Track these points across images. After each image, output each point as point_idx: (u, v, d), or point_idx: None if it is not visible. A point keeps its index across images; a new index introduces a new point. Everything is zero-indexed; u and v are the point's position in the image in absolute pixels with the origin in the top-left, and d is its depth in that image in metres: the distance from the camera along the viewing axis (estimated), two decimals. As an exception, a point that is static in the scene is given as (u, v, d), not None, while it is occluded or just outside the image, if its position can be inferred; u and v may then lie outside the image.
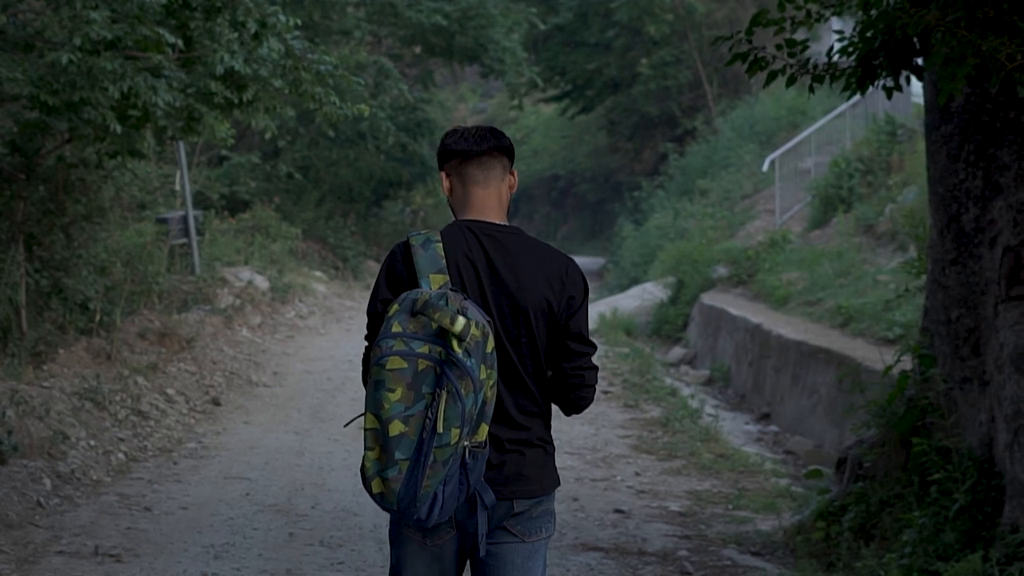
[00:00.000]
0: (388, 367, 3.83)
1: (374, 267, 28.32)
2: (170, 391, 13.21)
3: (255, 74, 11.97)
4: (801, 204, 22.57)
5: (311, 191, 27.59)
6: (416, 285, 3.99)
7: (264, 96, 12.34)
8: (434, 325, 3.83)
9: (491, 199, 4.17)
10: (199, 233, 19.55)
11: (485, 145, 4.18)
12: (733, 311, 16.08)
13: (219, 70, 11.41)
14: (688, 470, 11.01)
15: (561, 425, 12.87)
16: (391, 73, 25.47)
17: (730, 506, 9.83)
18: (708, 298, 17.92)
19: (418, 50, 30.05)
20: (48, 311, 13.08)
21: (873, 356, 11.66)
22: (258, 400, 13.96)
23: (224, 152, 25.51)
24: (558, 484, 4.20)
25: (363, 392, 3.94)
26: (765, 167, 22.99)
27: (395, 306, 3.92)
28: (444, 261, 4.02)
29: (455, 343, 3.80)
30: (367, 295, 24.92)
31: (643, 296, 20.34)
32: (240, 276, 19.45)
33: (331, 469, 10.82)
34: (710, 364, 16.44)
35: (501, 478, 4.04)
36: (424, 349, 3.83)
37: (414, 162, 29.51)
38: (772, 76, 6.83)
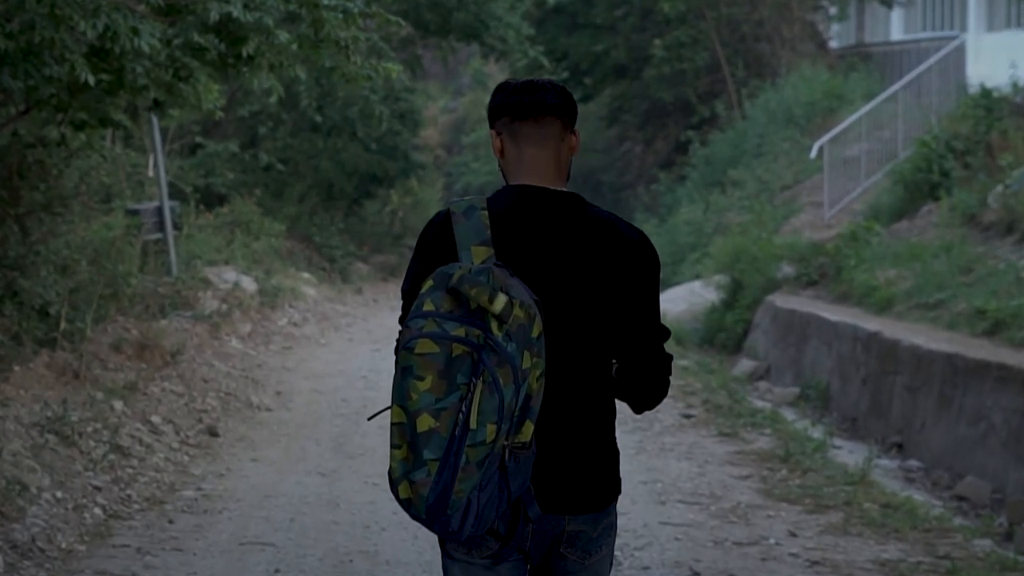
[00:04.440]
0: (417, 351, 3.19)
1: (363, 270, 25.68)
2: (155, 419, 10.48)
3: (258, 23, 9.71)
4: (852, 195, 20.11)
5: (294, 184, 24.96)
6: (456, 259, 3.38)
7: (268, 50, 10.11)
8: (472, 304, 3.19)
9: (548, 161, 3.56)
10: (176, 227, 16.79)
11: (540, 98, 3.56)
12: (829, 316, 13.38)
13: (213, 16, 9.08)
14: (855, 527, 8.28)
15: (654, 462, 10.19)
16: (385, 52, 22.76)
17: (950, 586, 7.14)
18: (781, 301, 15.23)
19: (404, 32, 27.53)
20: (0, 317, 10.51)
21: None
22: (263, 428, 11.20)
23: (198, 140, 22.99)
24: (619, 492, 3.55)
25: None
26: (813, 154, 20.46)
27: (428, 282, 3.30)
28: (489, 232, 3.42)
29: (495, 325, 3.18)
30: (360, 300, 22.65)
31: (691, 299, 17.63)
32: (225, 277, 16.69)
33: (381, 529, 8.09)
34: (794, 379, 13.77)
35: (552, 488, 3.40)
36: (460, 332, 3.19)
37: (397, 156, 26.98)
38: None
